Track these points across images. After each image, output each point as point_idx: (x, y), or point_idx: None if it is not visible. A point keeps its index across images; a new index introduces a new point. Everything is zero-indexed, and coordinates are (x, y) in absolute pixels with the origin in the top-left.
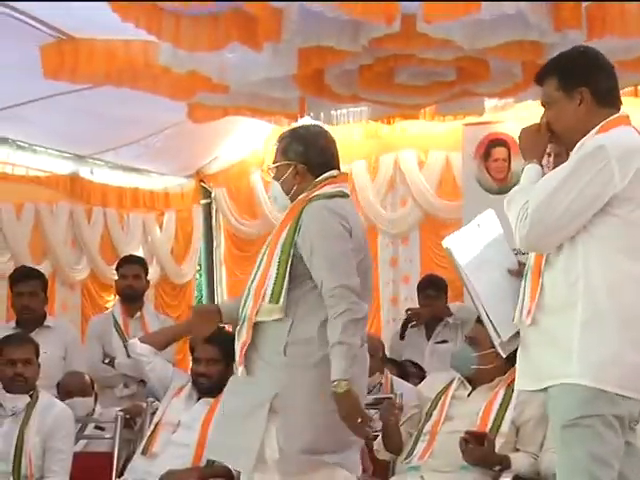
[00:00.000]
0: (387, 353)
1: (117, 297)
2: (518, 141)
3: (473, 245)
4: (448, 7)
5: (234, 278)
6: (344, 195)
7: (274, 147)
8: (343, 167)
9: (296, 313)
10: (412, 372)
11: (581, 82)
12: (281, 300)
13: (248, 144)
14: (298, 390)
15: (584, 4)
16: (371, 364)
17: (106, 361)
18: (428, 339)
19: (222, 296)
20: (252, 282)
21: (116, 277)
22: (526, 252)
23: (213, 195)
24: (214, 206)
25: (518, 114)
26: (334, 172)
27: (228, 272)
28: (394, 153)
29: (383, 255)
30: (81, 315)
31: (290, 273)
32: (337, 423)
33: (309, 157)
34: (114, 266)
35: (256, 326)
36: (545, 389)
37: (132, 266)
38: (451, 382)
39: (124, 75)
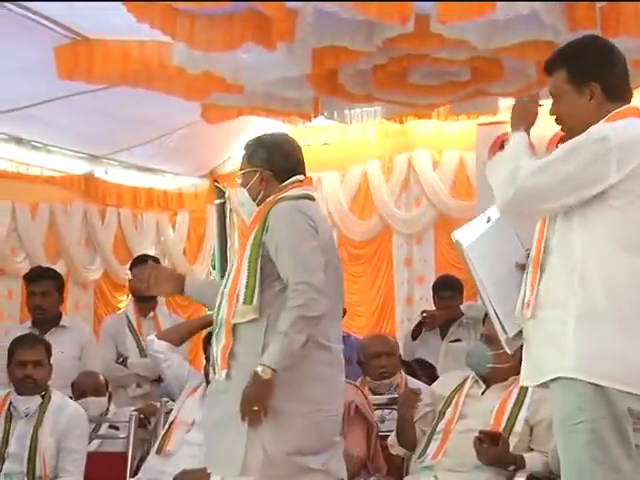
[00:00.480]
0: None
1: (130, 297)
2: (511, 111)
3: (482, 239)
4: (462, 7)
5: None
6: (311, 198)
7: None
8: (358, 167)
9: (270, 315)
10: (420, 372)
11: (592, 77)
12: (254, 300)
13: None
14: (277, 392)
15: (598, 4)
16: (390, 364)
17: (119, 361)
18: (442, 338)
19: None
20: (225, 287)
21: (129, 277)
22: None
23: (227, 195)
24: (228, 206)
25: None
26: (299, 177)
27: None
28: (408, 153)
29: (398, 255)
30: (93, 315)
31: (261, 274)
32: (319, 423)
33: (274, 163)
34: (127, 266)
35: (234, 328)
36: (544, 384)
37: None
38: (465, 380)
39: (138, 75)
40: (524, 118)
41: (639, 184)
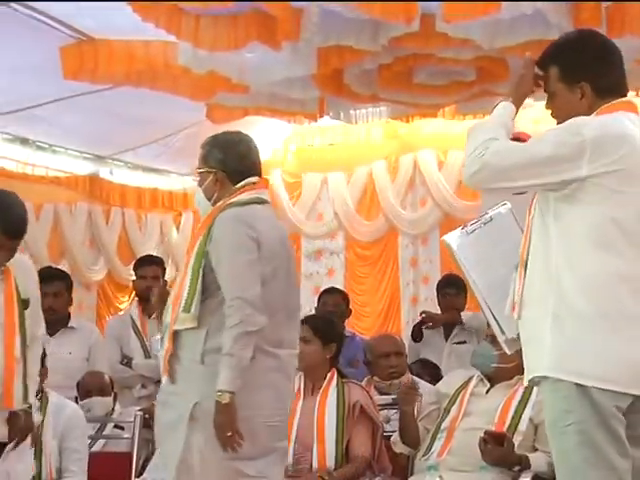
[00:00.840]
0: None
1: (134, 298)
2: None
3: (478, 240)
4: (467, 7)
5: None
6: (261, 202)
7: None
8: (364, 168)
9: (211, 323)
10: (422, 372)
11: (582, 77)
12: (192, 309)
13: (268, 144)
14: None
15: (604, 4)
16: (399, 363)
17: (124, 362)
18: (446, 339)
19: None
20: (172, 292)
21: (132, 277)
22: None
23: None
24: None
25: (537, 114)
26: (253, 179)
27: None
28: (413, 153)
29: (403, 255)
30: (96, 316)
31: (203, 282)
32: (258, 428)
33: (227, 164)
34: (131, 267)
35: (177, 335)
36: (533, 383)
37: (151, 267)
38: (470, 379)
39: (143, 75)
40: (517, 85)
41: (613, 180)
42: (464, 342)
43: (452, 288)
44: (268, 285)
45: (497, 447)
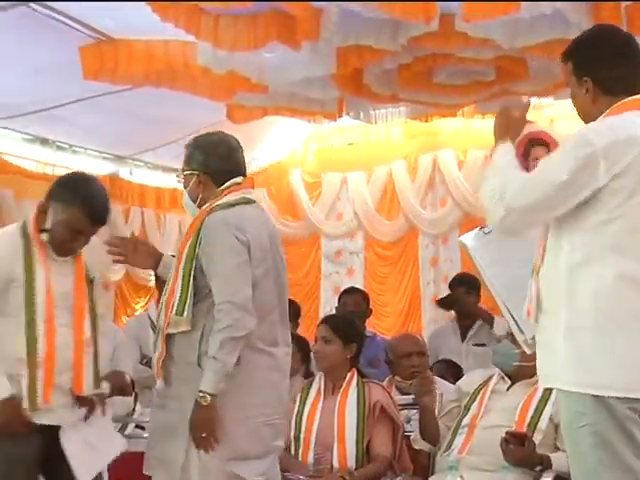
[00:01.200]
0: None
1: (151, 298)
2: (494, 120)
3: (498, 241)
4: (487, 7)
5: None
6: (247, 202)
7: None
8: (383, 167)
9: (205, 325)
10: (443, 373)
11: (585, 72)
12: (185, 313)
13: (287, 144)
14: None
15: (623, 4)
16: (421, 363)
17: (143, 362)
18: (463, 340)
19: None
20: (164, 295)
21: (152, 278)
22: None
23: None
24: None
25: (555, 112)
26: (237, 179)
27: None
28: (433, 153)
29: (423, 255)
30: (113, 316)
31: (195, 285)
32: (260, 428)
33: (209, 166)
34: None
35: (170, 338)
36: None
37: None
38: (490, 377)
39: (163, 76)
40: (509, 127)
41: (630, 181)
42: (482, 344)
43: (464, 286)
44: (260, 286)
45: (519, 447)
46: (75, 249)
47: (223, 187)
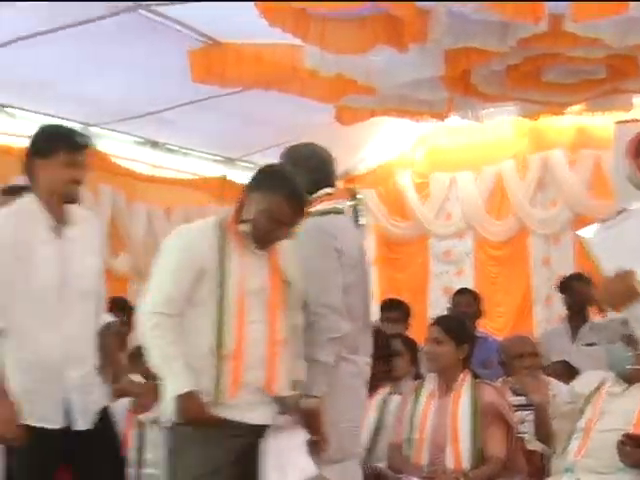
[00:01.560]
0: None
1: None
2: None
3: (618, 236)
4: (596, 7)
5: (386, 279)
6: (338, 212)
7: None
8: (492, 167)
9: None
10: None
11: None
12: None
13: (395, 145)
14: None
15: None
16: (534, 364)
17: None
18: (573, 341)
19: (375, 296)
20: None
21: None
22: None
23: (361, 196)
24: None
25: None
26: (329, 189)
27: (380, 273)
28: (543, 152)
29: (535, 255)
30: None
31: None
32: (342, 432)
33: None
34: None
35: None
36: None
37: None
38: (605, 380)
39: (272, 78)
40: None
41: None
42: (593, 344)
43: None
44: (349, 293)
45: (636, 449)
46: (276, 240)
47: (314, 196)
